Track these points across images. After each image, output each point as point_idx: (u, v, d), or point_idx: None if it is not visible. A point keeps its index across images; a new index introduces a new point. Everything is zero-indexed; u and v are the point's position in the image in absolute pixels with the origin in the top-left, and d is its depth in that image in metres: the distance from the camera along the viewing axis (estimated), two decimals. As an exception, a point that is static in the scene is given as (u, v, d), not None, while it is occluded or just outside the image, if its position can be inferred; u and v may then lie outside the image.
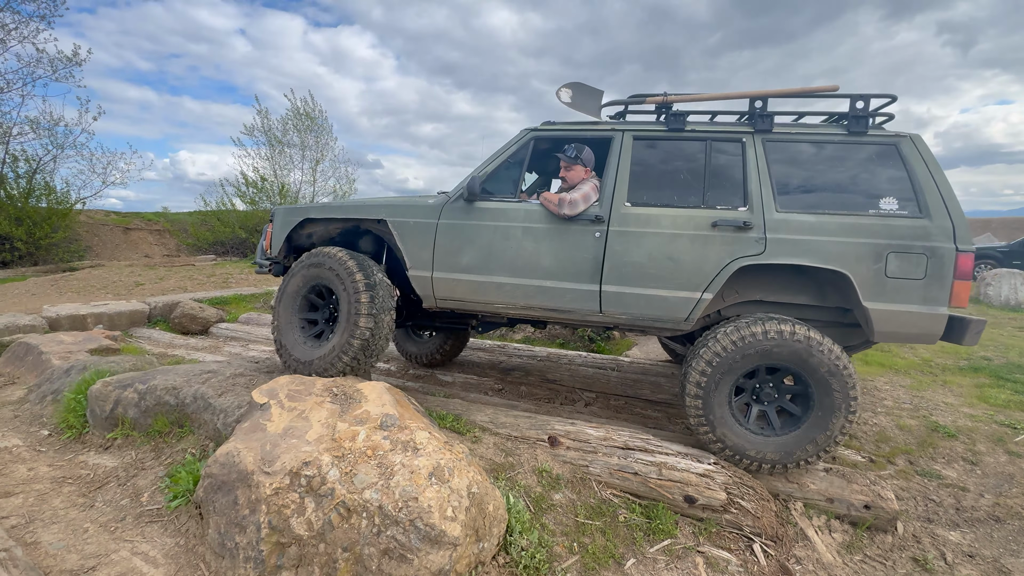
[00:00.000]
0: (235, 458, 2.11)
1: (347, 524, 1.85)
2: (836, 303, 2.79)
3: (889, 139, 2.63)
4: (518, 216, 2.92)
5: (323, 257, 3.09)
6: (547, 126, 3.05)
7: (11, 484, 2.63)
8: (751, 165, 2.70)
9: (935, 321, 2.50)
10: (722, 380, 2.65)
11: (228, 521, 1.99)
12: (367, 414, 2.36)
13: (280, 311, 3.24)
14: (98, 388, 3.18)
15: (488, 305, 3.01)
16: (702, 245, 2.67)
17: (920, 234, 2.51)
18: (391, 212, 3.09)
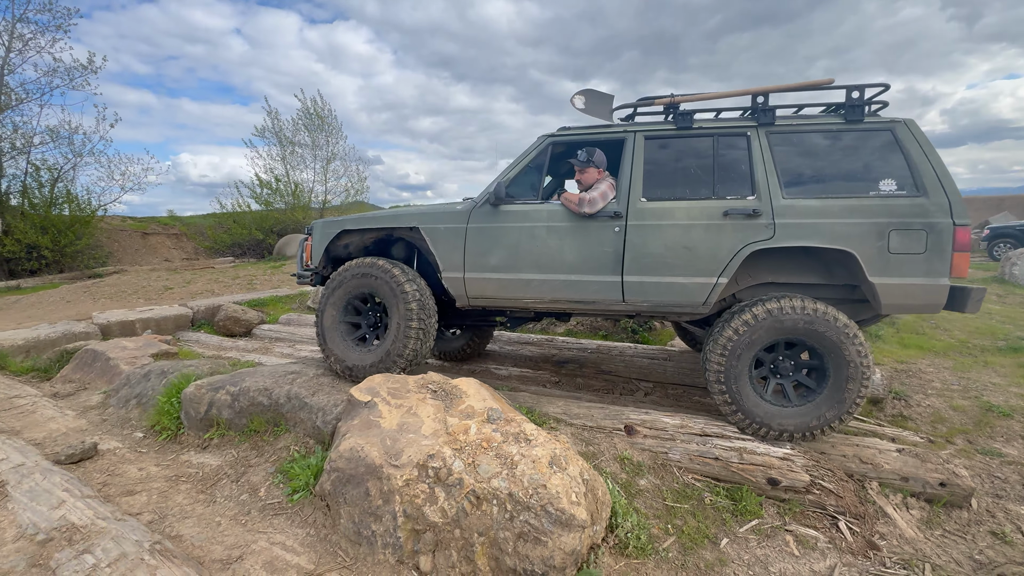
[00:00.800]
0: (360, 453, 2.25)
1: (479, 511, 1.99)
2: (844, 280, 2.98)
3: (884, 125, 2.82)
4: (541, 216, 3.10)
5: (369, 267, 3.29)
6: (563, 132, 3.24)
7: (128, 483, 2.79)
8: (756, 156, 2.89)
9: (938, 291, 2.71)
10: (742, 355, 2.84)
11: (362, 511, 2.14)
12: (471, 409, 2.49)
13: (325, 319, 3.41)
14: (192, 391, 3.33)
15: (517, 301, 3.18)
16: (715, 233, 2.86)
17: (919, 211, 2.70)
18: (423, 220, 3.28)
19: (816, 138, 2.89)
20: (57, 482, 2.72)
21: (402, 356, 3.22)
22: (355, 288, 3.36)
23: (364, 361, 3.29)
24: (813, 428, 2.84)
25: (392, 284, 3.22)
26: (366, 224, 3.44)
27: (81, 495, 2.57)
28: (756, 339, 2.83)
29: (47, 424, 3.74)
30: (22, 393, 4.47)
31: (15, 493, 2.63)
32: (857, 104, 2.84)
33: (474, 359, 4.94)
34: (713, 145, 2.97)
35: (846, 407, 2.80)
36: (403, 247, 3.71)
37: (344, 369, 3.34)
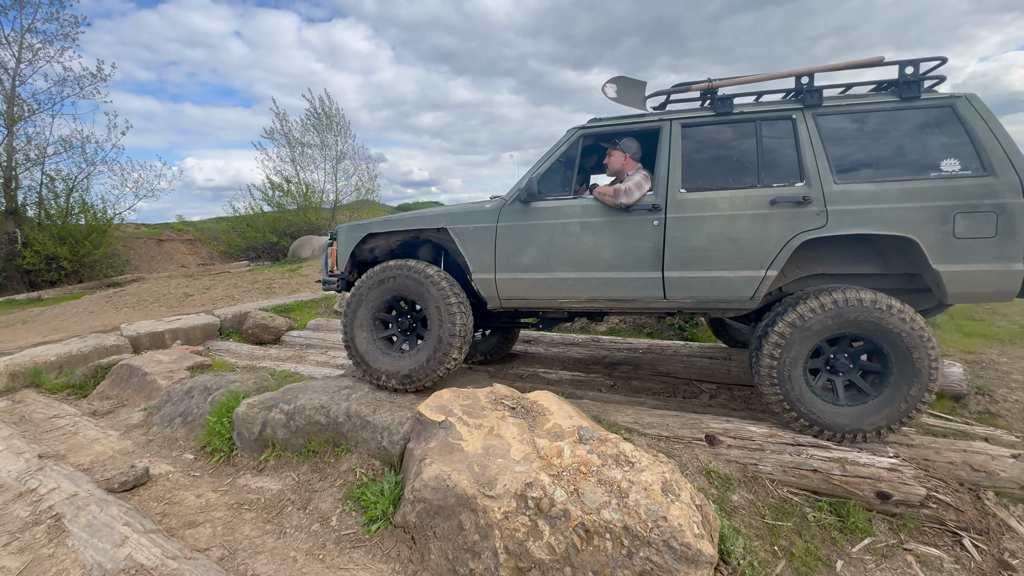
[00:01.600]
0: (447, 482, 2.07)
1: (591, 547, 1.80)
2: (902, 269, 2.82)
3: (944, 101, 2.66)
4: (575, 212, 2.97)
5: (409, 271, 3.14)
6: (594, 123, 3.08)
7: (189, 512, 2.64)
8: (804, 140, 2.74)
9: (1010, 278, 2.54)
10: (798, 350, 2.71)
11: (456, 547, 1.96)
12: (559, 428, 2.30)
13: (355, 325, 3.26)
14: (244, 411, 3.18)
15: (552, 301, 3.06)
16: (762, 223, 2.72)
17: (987, 192, 2.53)
18: (451, 220, 3.15)
19: (868, 118, 2.72)
20: (115, 514, 2.57)
21: (443, 364, 3.11)
22: (390, 292, 3.22)
23: (400, 368, 3.18)
24: (869, 429, 2.73)
25: (434, 290, 3.09)
26: (393, 227, 3.31)
27: (144, 529, 2.42)
28: (814, 333, 2.69)
29: (92, 447, 3.61)
30: (61, 412, 4.35)
31: (73, 528, 2.49)
32: (912, 80, 2.68)
33: (511, 361, 4.75)
34: (756, 130, 2.82)
35: (910, 408, 2.67)
36: (429, 249, 3.59)
37: (381, 376, 3.22)
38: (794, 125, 2.78)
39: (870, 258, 2.87)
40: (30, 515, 2.69)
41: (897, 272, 2.85)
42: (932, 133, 2.65)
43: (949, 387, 3.80)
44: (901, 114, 2.69)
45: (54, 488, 2.90)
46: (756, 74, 2.93)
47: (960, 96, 2.66)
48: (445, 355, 3.09)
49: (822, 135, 2.73)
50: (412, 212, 3.51)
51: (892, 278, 2.92)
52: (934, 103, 2.66)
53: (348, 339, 3.31)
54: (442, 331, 3.08)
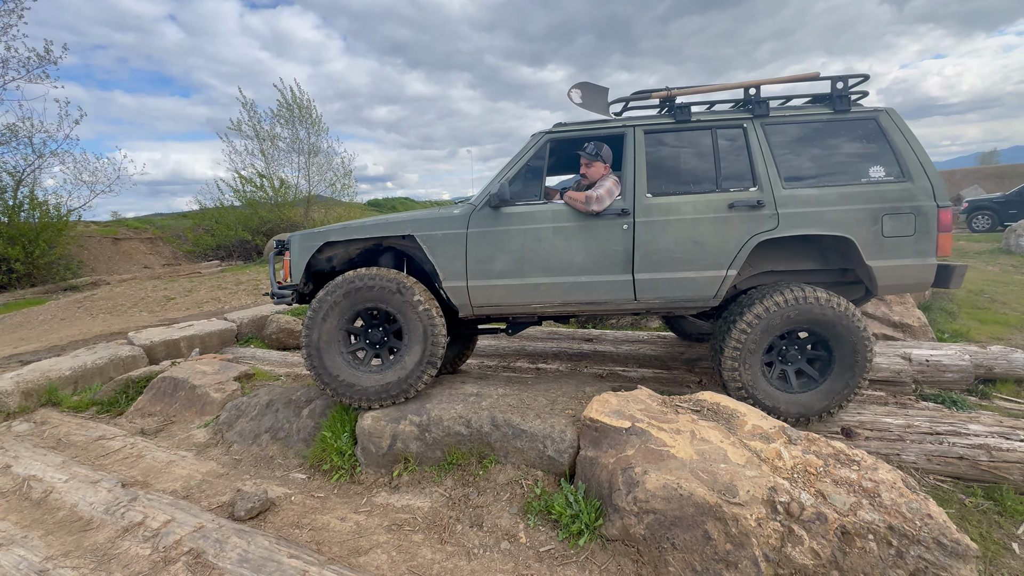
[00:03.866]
0: (679, 491, 2.00)
1: (856, 549, 1.79)
2: (838, 265, 3.11)
3: (869, 114, 2.95)
4: (546, 217, 2.98)
5: (382, 280, 2.99)
6: (561, 128, 3.13)
7: (344, 538, 2.43)
8: (755, 148, 2.94)
9: (927, 270, 2.89)
10: (758, 342, 2.91)
11: (704, 558, 1.90)
12: (760, 428, 2.28)
13: (321, 339, 3.05)
14: (370, 424, 2.95)
15: (526, 307, 3.07)
16: (723, 226, 2.89)
17: (906, 196, 2.85)
18: (418, 227, 3.05)
19: (808, 128, 2.97)
20: (269, 546, 2.32)
21: (420, 379, 3.01)
22: (361, 303, 3.04)
23: (374, 383, 3.03)
24: (817, 412, 2.98)
25: (413, 301, 2.97)
26: (354, 234, 3.12)
27: (318, 562, 2.19)
28: (775, 327, 2.89)
29: (171, 471, 3.26)
30: (106, 434, 3.90)
31: (226, 565, 2.23)
32: (843, 94, 2.95)
33: (582, 360, 4.69)
34: (712, 138, 2.98)
35: (850, 392, 2.94)
36: (391, 257, 3.44)
37: (346, 394, 3.04)
38: (746, 133, 2.96)
39: (811, 255, 3.13)
40: (154, 553, 2.39)
41: (834, 267, 3.13)
42: (860, 143, 2.93)
43: (1013, 372, 4.09)
44: (835, 125, 2.96)
45: (169, 520, 2.59)
46: (709, 84, 3.15)
47: (882, 110, 2.96)
48: (425, 368, 3.00)
49: (770, 143, 2.95)
50: (374, 219, 3.36)
51: (829, 273, 3.19)
52: (861, 116, 2.95)
53: (312, 353, 3.05)
54: (425, 343, 2.98)
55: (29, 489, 3.09)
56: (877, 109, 2.97)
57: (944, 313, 6.17)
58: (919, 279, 2.92)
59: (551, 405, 2.99)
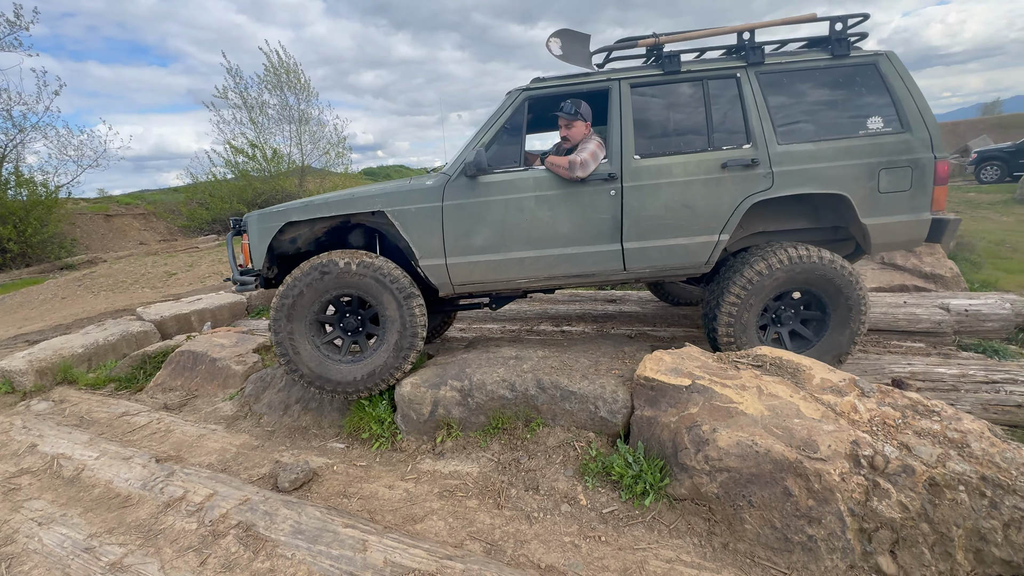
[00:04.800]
0: (754, 448, 1.91)
1: (946, 500, 1.72)
2: (831, 223, 2.94)
3: (868, 59, 2.73)
4: (527, 185, 2.76)
5: (360, 266, 2.79)
6: (539, 84, 2.84)
7: (396, 506, 2.36)
8: (749, 100, 2.72)
9: (921, 227, 2.74)
10: (756, 304, 2.80)
11: (785, 514, 1.83)
12: (829, 382, 2.18)
13: (292, 327, 2.86)
14: (409, 391, 2.85)
15: (510, 282, 2.89)
16: (715, 188, 2.70)
17: (904, 148, 2.66)
18: (388, 201, 2.79)
19: (805, 76, 2.75)
20: (321, 517, 2.25)
21: (400, 368, 2.88)
22: (329, 293, 2.85)
23: (352, 375, 2.89)
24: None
25: (393, 287, 2.79)
26: (318, 212, 2.85)
27: (376, 531, 2.13)
28: (769, 288, 2.77)
29: (203, 444, 3.18)
30: (129, 410, 3.81)
31: (279, 536, 2.16)
32: (841, 37, 2.72)
33: (608, 321, 4.60)
34: (703, 90, 2.74)
35: (849, 346, 2.85)
36: (361, 234, 3.21)
37: (325, 385, 2.90)
38: (739, 84, 2.73)
39: (804, 214, 2.95)
40: (201, 528, 2.32)
41: (826, 226, 2.97)
42: (859, 91, 2.72)
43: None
44: (832, 72, 2.72)
45: (211, 494, 2.52)
46: (700, 30, 2.84)
47: (882, 54, 2.73)
48: (403, 360, 2.86)
49: (765, 94, 2.72)
50: (339, 193, 3.05)
51: (821, 231, 3.03)
52: (860, 60, 2.72)
53: (284, 344, 2.86)
54: (404, 328, 2.83)
55: (60, 467, 3.01)
56: (877, 53, 2.76)
57: (968, 263, 6.07)
58: (913, 235, 2.78)
59: (594, 366, 2.88)
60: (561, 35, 2.92)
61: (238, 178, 17.05)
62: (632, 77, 2.78)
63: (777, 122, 2.72)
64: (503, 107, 2.82)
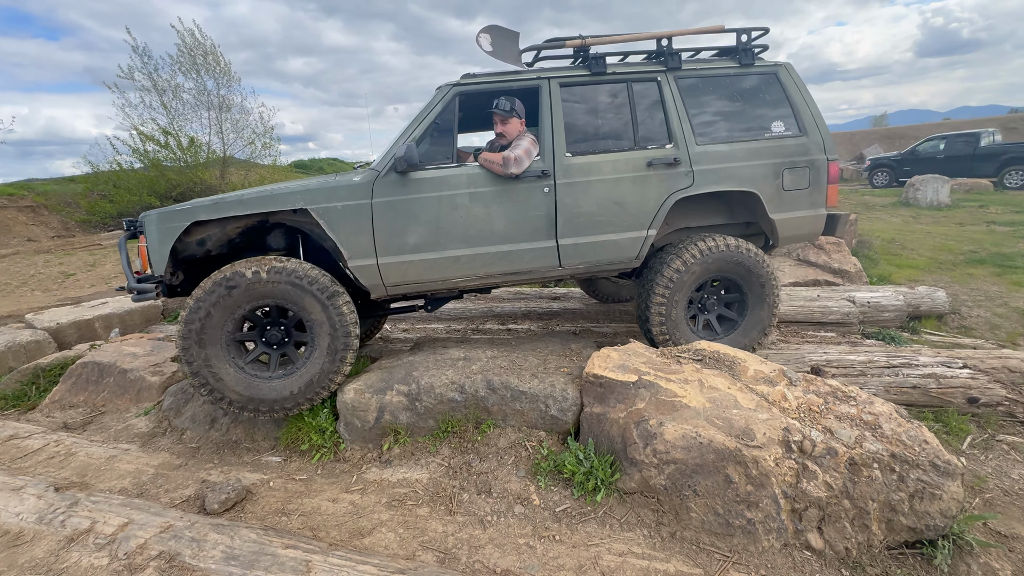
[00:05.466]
0: (698, 439, 2.00)
1: (863, 478, 1.89)
2: (743, 219, 3.24)
3: (770, 68, 3.03)
4: (461, 182, 2.74)
5: (284, 275, 2.58)
6: (470, 80, 2.83)
7: (341, 521, 2.23)
8: (669, 102, 2.91)
9: (819, 221, 3.09)
10: (679, 299, 2.99)
11: (727, 501, 1.93)
12: (761, 373, 2.33)
13: (206, 353, 2.60)
14: (353, 397, 2.70)
15: (445, 281, 2.84)
16: (642, 185, 2.85)
17: (802, 150, 2.98)
18: (312, 198, 2.63)
19: (717, 82, 2.99)
20: (254, 539, 2.08)
21: (339, 371, 2.72)
22: (246, 303, 2.61)
23: (288, 389, 2.69)
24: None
25: (313, 288, 2.61)
26: (230, 211, 2.60)
27: (319, 549, 1.99)
28: (693, 278, 2.96)
29: (113, 467, 2.84)
30: (18, 432, 3.32)
31: (210, 565, 1.97)
32: (746, 47, 2.99)
33: (554, 318, 4.67)
34: (628, 92, 2.89)
35: (765, 329, 3.13)
36: (281, 235, 3.00)
37: (248, 406, 2.69)
38: (660, 87, 2.90)
39: (721, 211, 3.22)
40: (114, 562, 2.07)
41: (740, 221, 3.25)
42: (762, 97, 3.01)
43: (936, 309, 4.58)
44: (740, 79, 3.00)
45: (126, 523, 2.25)
46: (623, 34, 2.96)
47: (781, 64, 3.05)
48: (344, 353, 2.70)
49: (683, 97, 2.92)
50: (256, 190, 2.84)
51: (736, 227, 3.32)
52: (763, 69, 3.02)
53: (201, 374, 2.60)
54: (334, 328, 2.66)
55: (-72, 505, 2.56)
56: (777, 63, 3.02)
57: (867, 259, 6.79)
58: (812, 229, 3.09)
59: (543, 364, 2.90)
60: (491, 31, 2.92)
61: (148, 168, 15.49)
62: (562, 76, 2.83)
63: (695, 123, 2.90)
64: (433, 102, 2.75)
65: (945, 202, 11.31)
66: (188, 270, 2.94)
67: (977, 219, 9.62)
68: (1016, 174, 13.43)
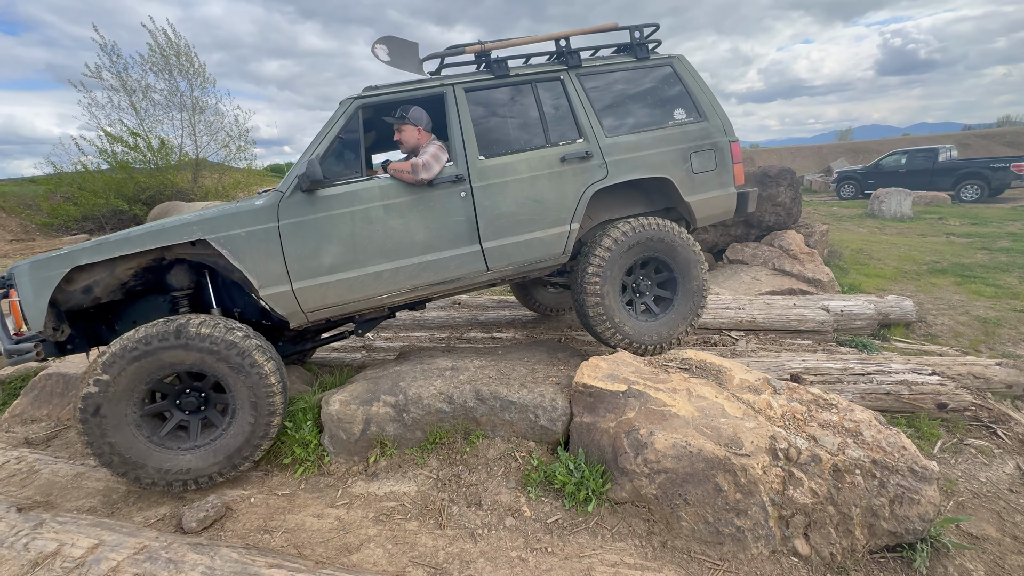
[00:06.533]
0: (688, 448, 2.03)
1: (846, 484, 1.95)
2: (663, 205, 3.36)
3: (664, 60, 3.22)
4: (373, 195, 2.65)
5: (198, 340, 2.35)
6: (371, 91, 2.78)
7: (327, 538, 2.17)
8: (574, 99, 3.01)
9: (730, 199, 3.26)
10: (613, 277, 3.03)
11: (716, 509, 1.96)
12: (746, 382, 2.38)
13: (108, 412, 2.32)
14: (338, 409, 2.64)
15: (370, 300, 2.72)
16: (559, 181, 2.91)
17: (705, 134, 3.16)
18: (211, 228, 2.45)
19: (617, 76, 3.14)
20: (236, 559, 2.00)
21: (259, 448, 2.52)
22: (165, 367, 2.38)
23: (203, 463, 2.46)
24: (676, 335, 3.19)
25: (236, 359, 2.39)
26: (116, 251, 2.37)
27: (305, 567, 1.93)
28: (621, 259, 3.01)
29: (81, 485, 2.71)
30: (-25, 449, 3.13)
31: (188, 588, 1.88)
32: (640, 43, 3.18)
33: (541, 325, 4.69)
34: (534, 91, 2.98)
35: (695, 313, 3.21)
36: (184, 271, 2.75)
37: (196, 479, 2.47)
38: (564, 85, 3.01)
39: (640, 200, 3.32)
40: (83, 587, 1.96)
41: (660, 208, 3.35)
42: (661, 88, 3.18)
43: (904, 317, 4.77)
44: (638, 72, 3.17)
45: (96, 545, 2.14)
46: (521, 37, 3.06)
47: (675, 57, 3.23)
48: (262, 438, 2.51)
49: (587, 93, 3.03)
50: (143, 227, 2.55)
51: (656, 214, 3.37)
52: (658, 63, 3.19)
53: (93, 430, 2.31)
54: (258, 410, 2.45)
55: None
56: (671, 56, 3.19)
57: (837, 269, 7.04)
58: (726, 207, 3.25)
59: (531, 374, 2.90)
60: (387, 41, 2.90)
61: (116, 170, 14.95)
62: (465, 81, 2.87)
63: (602, 117, 3.01)
64: (335, 116, 2.68)
65: (908, 214, 11.84)
66: (79, 323, 2.71)
67: (937, 231, 10.10)
68: (971, 188, 14.18)
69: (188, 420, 2.55)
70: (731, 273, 6.00)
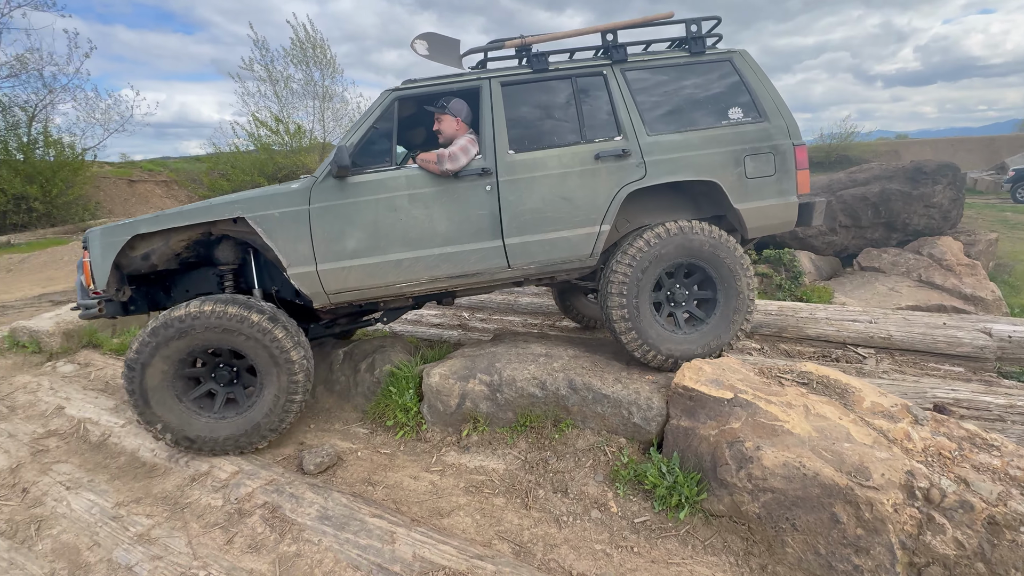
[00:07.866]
0: (802, 470, 1.85)
1: (1006, 542, 1.64)
2: (711, 212, 3.00)
3: (724, 56, 2.92)
4: (400, 184, 2.67)
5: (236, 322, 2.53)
6: (409, 84, 2.80)
7: (421, 499, 2.34)
8: (616, 95, 2.83)
9: (790, 209, 2.89)
10: (642, 286, 2.74)
11: (831, 542, 1.77)
12: (880, 406, 2.10)
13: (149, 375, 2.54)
14: (438, 381, 2.82)
15: (389, 287, 2.72)
16: (591, 179, 2.75)
17: (764, 136, 2.83)
18: (249, 207, 2.59)
19: (667, 72, 2.92)
20: (345, 504, 2.24)
21: (275, 430, 2.68)
22: (205, 343, 2.60)
23: (216, 433, 2.63)
24: (719, 346, 2.84)
25: (273, 349, 2.57)
26: (170, 223, 2.59)
27: (403, 523, 2.10)
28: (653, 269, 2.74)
29: (226, 419, 3.18)
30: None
31: (305, 520, 2.15)
32: (697, 37, 2.90)
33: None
34: (572, 87, 2.84)
35: (738, 330, 2.85)
36: (231, 247, 2.91)
37: (182, 441, 2.63)
38: (606, 80, 2.84)
39: (684, 205, 3.02)
40: (227, 504, 2.32)
41: (708, 215, 3.00)
42: (718, 85, 2.90)
43: None
44: (692, 68, 2.90)
45: (236, 472, 2.52)
46: (564, 31, 2.98)
47: (736, 51, 2.93)
48: (278, 423, 2.66)
49: (631, 89, 2.83)
50: (195, 204, 2.78)
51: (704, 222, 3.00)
52: (716, 58, 2.91)
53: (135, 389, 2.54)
54: (280, 398, 2.62)
55: (86, 432, 3.04)
56: (731, 51, 2.93)
57: (1006, 286, 5.88)
58: (784, 218, 2.92)
59: (627, 369, 2.83)
60: (427, 37, 2.96)
61: (259, 151, 17.11)
62: (502, 76, 2.82)
63: (645, 115, 2.83)
64: (373, 107, 2.75)
65: (1115, 225, 9.50)
66: (140, 287, 3.01)
67: None
68: None
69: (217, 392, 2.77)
70: (862, 282, 5.29)
